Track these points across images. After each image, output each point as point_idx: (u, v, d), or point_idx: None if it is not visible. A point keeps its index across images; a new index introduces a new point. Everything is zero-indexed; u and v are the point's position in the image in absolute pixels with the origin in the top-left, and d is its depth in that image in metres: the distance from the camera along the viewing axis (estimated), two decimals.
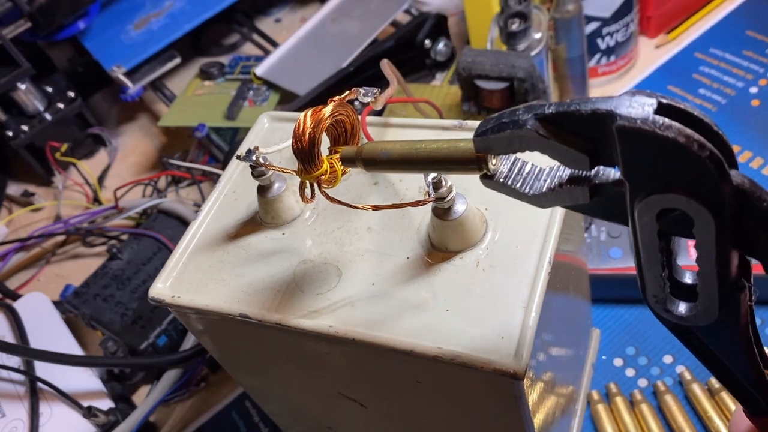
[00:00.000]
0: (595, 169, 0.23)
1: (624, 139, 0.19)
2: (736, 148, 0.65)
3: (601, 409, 0.51)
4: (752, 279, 0.22)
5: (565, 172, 0.24)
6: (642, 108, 0.19)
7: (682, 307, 0.23)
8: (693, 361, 0.52)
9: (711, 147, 0.19)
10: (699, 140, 0.18)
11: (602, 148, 0.21)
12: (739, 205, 0.19)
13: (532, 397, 0.34)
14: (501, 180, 0.25)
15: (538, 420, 0.36)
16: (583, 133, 0.21)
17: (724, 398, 0.49)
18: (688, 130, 0.18)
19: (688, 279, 0.23)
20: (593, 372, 0.54)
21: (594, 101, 0.21)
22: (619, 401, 0.51)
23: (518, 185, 0.25)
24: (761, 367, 0.24)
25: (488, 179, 0.26)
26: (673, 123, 0.19)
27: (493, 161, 0.25)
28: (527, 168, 0.25)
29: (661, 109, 0.19)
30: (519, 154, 0.25)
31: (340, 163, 0.31)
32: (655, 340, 0.54)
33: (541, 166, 0.25)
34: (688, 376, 0.51)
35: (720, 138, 0.20)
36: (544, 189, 0.24)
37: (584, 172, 0.23)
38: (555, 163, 0.23)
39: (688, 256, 0.50)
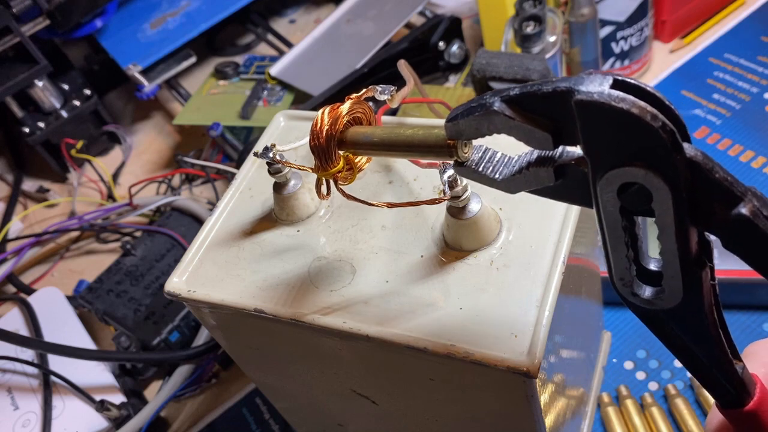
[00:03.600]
0: (559, 149, 0.24)
1: (582, 113, 0.20)
2: (750, 154, 0.65)
3: (612, 411, 0.51)
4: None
5: (533, 155, 0.25)
6: (599, 84, 0.20)
7: (648, 291, 0.24)
8: None
9: (663, 118, 0.19)
10: (652, 112, 0.19)
11: (564, 127, 0.22)
12: (693, 177, 0.20)
13: (544, 397, 0.34)
14: (472, 167, 0.26)
15: (549, 420, 0.36)
16: (546, 113, 0.22)
17: None
18: (642, 102, 0.19)
19: (653, 266, 0.24)
20: (604, 374, 0.54)
21: (555, 81, 0.22)
22: (630, 404, 0.51)
23: (488, 171, 0.26)
24: (728, 354, 0.25)
25: (460, 166, 0.27)
26: (628, 96, 0.19)
27: (465, 149, 0.26)
28: (497, 156, 0.26)
29: (617, 85, 0.20)
30: (490, 144, 0.27)
31: (355, 159, 0.31)
32: None
33: (510, 155, 0.26)
34: None
35: (672, 112, 0.21)
36: (513, 173, 0.25)
37: (549, 153, 0.24)
38: (523, 151, 0.24)
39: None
